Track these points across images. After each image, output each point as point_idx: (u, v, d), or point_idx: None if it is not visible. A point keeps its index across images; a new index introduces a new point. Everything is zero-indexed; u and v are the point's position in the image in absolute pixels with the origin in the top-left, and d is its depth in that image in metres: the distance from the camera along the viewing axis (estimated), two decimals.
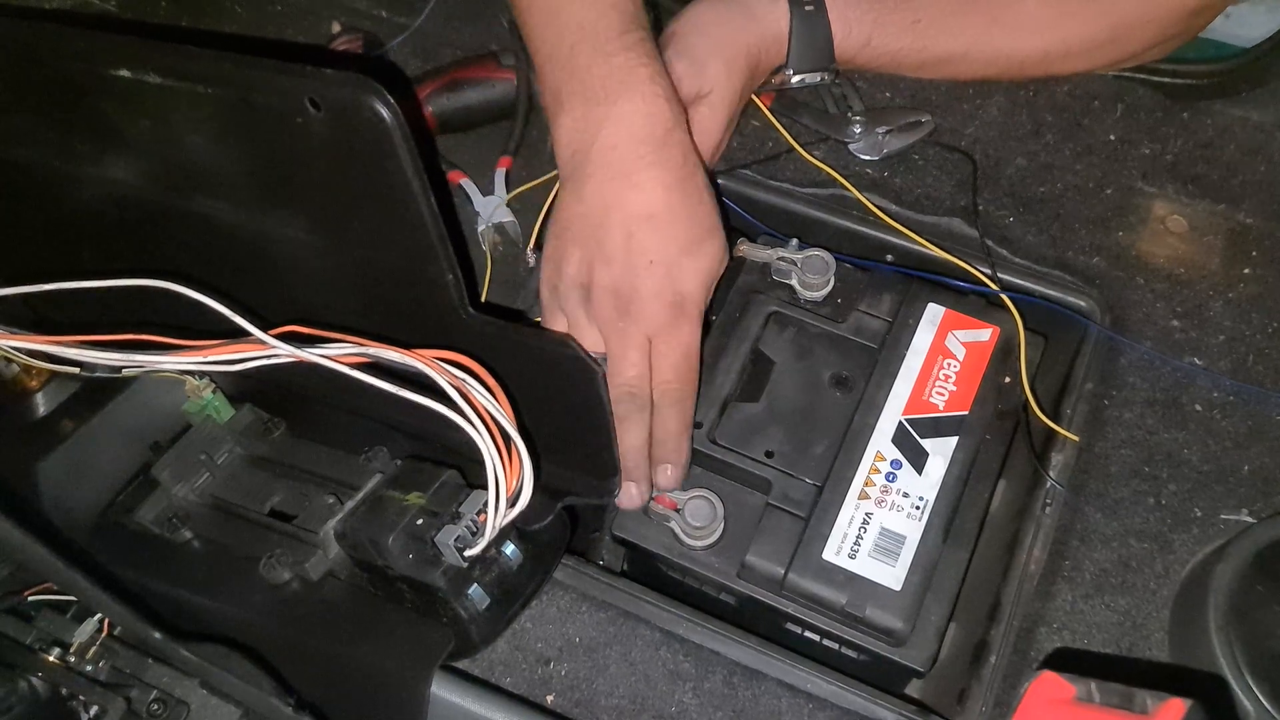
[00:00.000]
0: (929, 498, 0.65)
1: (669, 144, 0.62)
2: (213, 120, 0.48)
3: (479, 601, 0.57)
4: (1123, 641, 0.63)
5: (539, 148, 0.85)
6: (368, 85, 0.44)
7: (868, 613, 0.62)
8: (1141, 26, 0.78)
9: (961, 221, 0.78)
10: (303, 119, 0.45)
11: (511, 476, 0.52)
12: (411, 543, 0.55)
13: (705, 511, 0.65)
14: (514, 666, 0.63)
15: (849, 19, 0.76)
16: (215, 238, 0.55)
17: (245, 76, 0.45)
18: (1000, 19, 0.77)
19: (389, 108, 0.44)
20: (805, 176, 0.81)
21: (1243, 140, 0.81)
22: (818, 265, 0.73)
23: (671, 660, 0.63)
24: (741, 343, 0.72)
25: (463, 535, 0.54)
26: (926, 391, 0.69)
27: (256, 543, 0.60)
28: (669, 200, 0.61)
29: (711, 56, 0.73)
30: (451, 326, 0.54)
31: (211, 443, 0.64)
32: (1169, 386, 0.71)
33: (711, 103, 0.73)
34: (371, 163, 0.46)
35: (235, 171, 0.51)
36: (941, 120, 0.82)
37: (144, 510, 0.63)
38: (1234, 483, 0.67)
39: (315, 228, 0.52)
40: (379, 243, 0.52)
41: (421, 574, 0.55)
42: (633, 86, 0.61)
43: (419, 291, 0.53)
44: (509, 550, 0.57)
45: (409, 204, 0.48)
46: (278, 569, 0.58)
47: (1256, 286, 0.75)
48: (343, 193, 0.50)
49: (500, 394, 0.52)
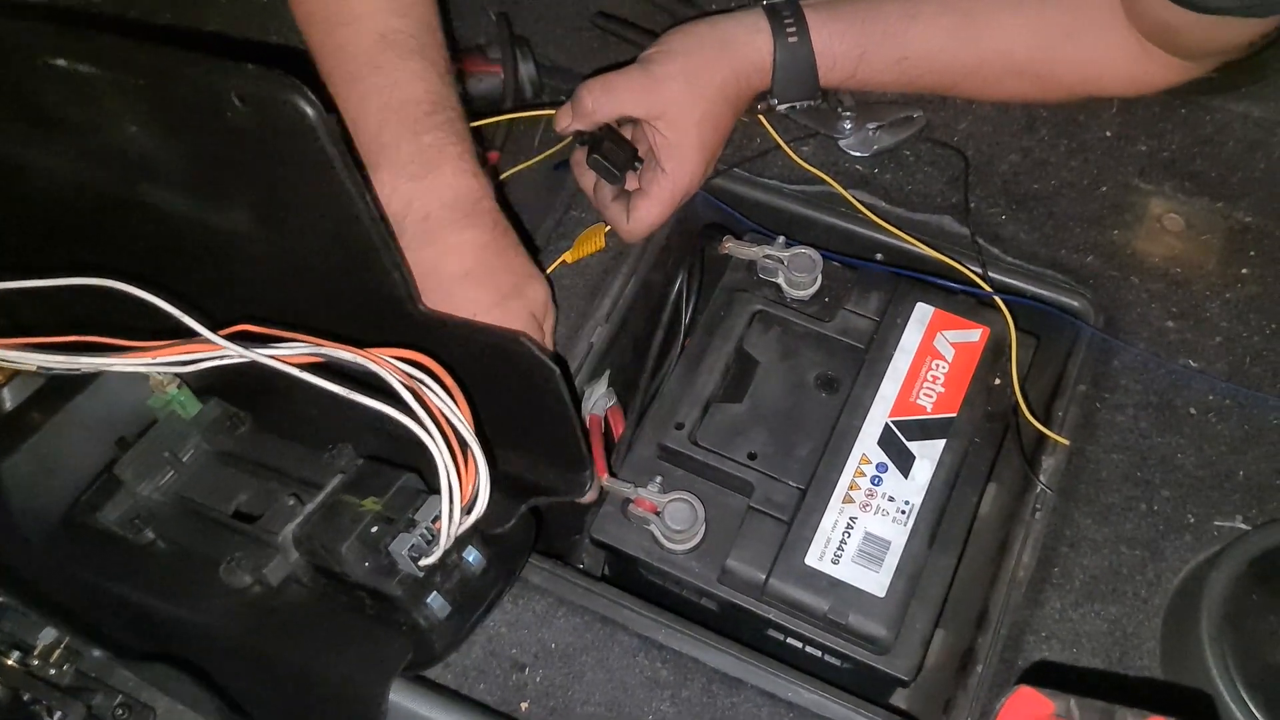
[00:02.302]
0: (915, 502, 0.64)
1: (478, 211, 0.64)
2: (150, 113, 0.47)
3: (439, 610, 0.55)
4: (1113, 651, 0.61)
5: (525, 143, 0.84)
6: (287, 82, 0.43)
7: (850, 620, 0.61)
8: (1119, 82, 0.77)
9: (952, 219, 0.76)
10: (232, 113, 0.44)
11: (467, 482, 0.51)
12: (367, 550, 0.54)
13: (685, 515, 0.63)
14: (487, 673, 0.61)
15: (834, 53, 0.75)
16: (171, 235, 0.54)
17: (173, 69, 0.44)
18: (987, 63, 0.76)
19: (312, 105, 0.43)
20: (794, 173, 0.79)
21: (1242, 136, 0.80)
22: (804, 263, 0.71)
23: (649, 667, 0.62)
24: (725, 342, 0.70)
25: (417, 544, 0.53)
26: (914, 393, 0.67)
27: (219, 545, 0.58)
28: (482, 257, 0.64)
29: (672, 79, 0.72)
30: (404, 323, 0.53)
31: (176, 439, 0.63)
32: (1163, 389, 0.70)
33: (668, 122, 0.72)
34: (301, 160, 0.45)
35: (180, 166, 0.50)
36: (933, 116, 0.81)
37: (108, 510, 0.62)
38: (1229, 488, 0.66)
39: (261, 224, 0.51)
40: (321, 239, 0.50)
41: (377, 583, 0.53)
42: (442, 164, 0.63)
43: (368, 288, 0.52)
44: (471, 556, 0.56)
45: (343, 201, 0.46)
46: (238, 573, 0.57)
47: (1255, 287, 0.73)
48: (279, 189, 0.49)
49: (458, 395, 0.51)
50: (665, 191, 0.73)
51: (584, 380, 0.73)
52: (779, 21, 0.74)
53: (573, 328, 0.74)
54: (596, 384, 0.72)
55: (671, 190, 0.73)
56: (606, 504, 0.66)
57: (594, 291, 0.75)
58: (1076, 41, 0.74)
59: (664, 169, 0.73)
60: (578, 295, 0.75)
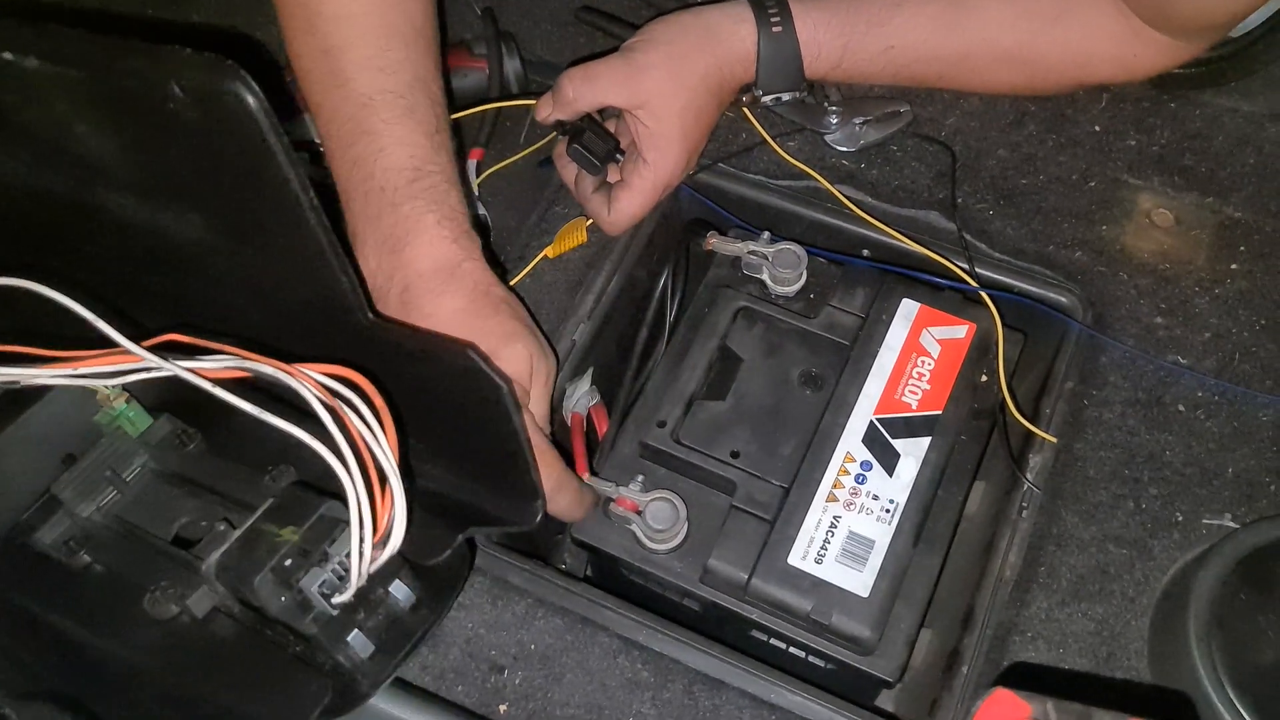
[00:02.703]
0: (900, 501, 0.63)
1: (458, 275, 0.62)
2: (93, 108, 0.44)
3: (361, 649, 0.52)
4: (1100, 652, 0.60)
5: (512, 139, 0.83)
6: (225, 69, 0.40)
7: (834, 620, 0.60)
8: (1109, 65, 0.76)
9: (940, 215, 0.75)
10: (173, 104, 0.41)
11: (382, 515, 0.47)
12: (281, 585, 0.50)
13: (667, 514, 0.63)
14: (466, 674, 0.61)
15: (819, 42, 0.74)
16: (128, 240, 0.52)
17: (110, 59, 0.42)
18: (974, 52, 0.75)
19: (253, 93, 0.40)
20: (780, 168, 0.78)
21: (1231, 131, 0.79)
22: (789, 259, 0.71)
23: (630, 669, 0.61)
24: (709, 339, 0.69)
25: (330, 580, 0.50)
26: (899, 390, 0.66)
27: (150, 572, 0.55)
28: (460, 319, 0.61)
29: (654, 68, 0.71)
30: (352, 333, 0.50)
31: (120, 458, 0.60)
32: (1152, 386, 0.69)
33: (650, 112, 0.71)
34: (243, 154, 0.43)
35: (128, 165, 0.48)
36: (920, 110, 0.80)
37: (44, 531, 0.59)
38: (1217, 486, 0.65)
39: (211, 225, 0.49)
40: (267, 243, 0.48)
41: (292, 620, 0.50)
42: (420, 234, 0.61)
43: (316, 296, 0.49)
44: (399, 591, 0.53)
45: (288, 201, 0.44)
46: (162, 603, 0.54)
47: (1244, 282, 0.73)
48: (223, 187, 0.46)
49: (385, 417, 0.48)
50: (647, 183, 0.72)
51: (566, 378, 0.72)
52: (763, 11, 0.73)
53: (554, 324, 0.73)
54: (579, 381, 0.72)
55: (653, 181, 0.73)
56: None
57: (576, 287, 0.75)
58: (1064, 24, 0.73)
59: (646, 159, 0.72)
60: (560, 291, 0.74)
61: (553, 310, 0.74)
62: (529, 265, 0.75)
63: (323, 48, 0.63)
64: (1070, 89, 0.79)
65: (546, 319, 0.73)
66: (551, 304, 0.74)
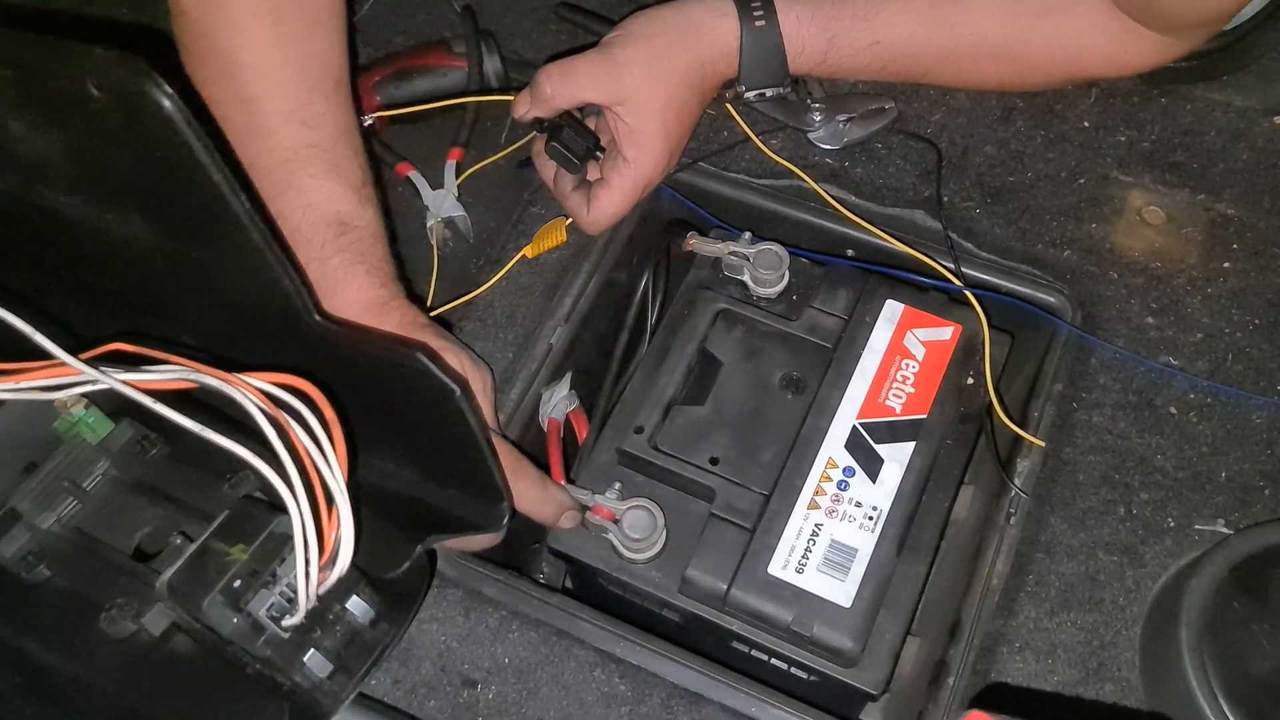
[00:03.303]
0: (883, 508, 0.61)
1: (387, 310, 0.62)
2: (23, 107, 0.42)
3: (318, 669, 0.50)
4: (1090, 662, 0.59)
5: (492, 139, 0.82)
6: (136, 68, 0.38)
7: (815, 631, 0.58)
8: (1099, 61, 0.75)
9: (925, 213, 0.74)
10: (94, 104, 0.40)
11: (329, 534, 0.46)
12: (230, 607, 0.48)
13: (644, 522, 0.61)
14: (437, 689, 0.59)
15: (803, 36, 0.72)
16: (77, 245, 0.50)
17: (31, 57, 0.40)
18: (962, 46, 0.74)
19: (165, 93, 0.38)
20: (762, 167, 0.77)
21: (1224, 126, 0.77)
22: (771, 260, 0.69)
23: (607, 682, 0.59)
24: (688, 342, 0.68)
25: (278, 603, 0.48)
26: (883, 394, 0.65)
27: (109, 587, 0.54)
28: None
29: (634, 63, 0.70)
30: (299, 336, 0.48)
31: (79, 466, 0.58)
32: (1142, 388, 0.67)
33: (630, 109, 0.70)
34: (166, 157, 0.41)
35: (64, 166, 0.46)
36: (906, 107, 0.78)
37: (3, 545, 0.57)
38: (1210, 491, 0.64)
39: (149, 226, 0.47)
40: (208, 245, 0.46)
41: (245, 642, 0.48)
42: (349, 282, 0.61)
43: (263, 298, 0.48)
44: (355, 607, 0.51)
45: (218, 204, 0.42)
46: (119, 620, 0.52)
47: (1237, 281, 0.71)
48: (156, 189, 0.44)
49: (335, 430, 0.46)
50: (627, 181, 0.71)
51: (543, 382, 0.70)
52: (746, 5, 0.71)
53: (531, 327, 0.71)
54: (557, 386, 0.70)
55: (633, 179, 0.71)
56: None
57: (554, 289, 0.73)
58: (1053, 20, 0.72)
59: (625, 157, 0.71)
60: (537, 293, 0.73)
61: (530, 313, 0.72)
62: (506, 266, 0.73)
63: (241, 97, 0.62)
64: (1060, 85, 0.78)
65: (523, 322, 0.72)
66: (529, 306, 0.72)
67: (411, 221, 0.78)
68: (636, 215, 0.75)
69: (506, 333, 0.71)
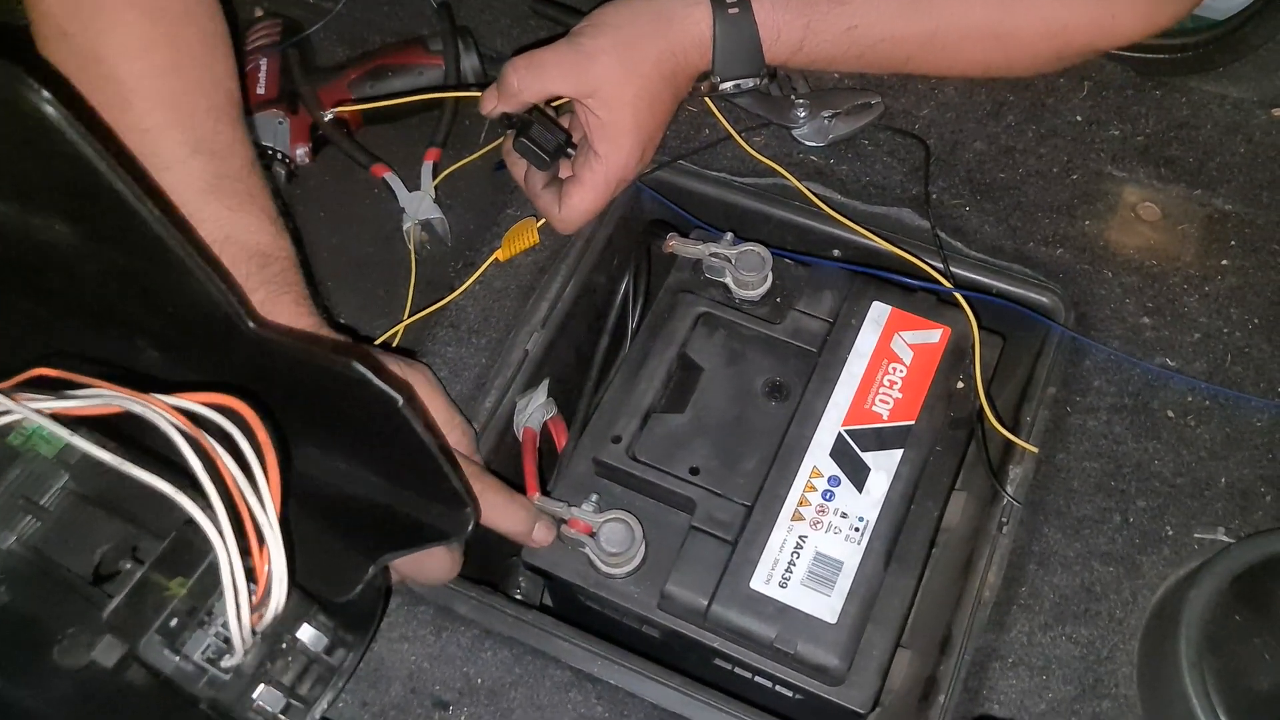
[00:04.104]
0: (870, 518, 0.59)
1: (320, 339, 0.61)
2: None
3: (271, 704, 0.47)
4: (1086, 678, 0.57)
5: (470, 139, 0.80)
6: (8, 71, 0.36)
7: (799, 649, 0.56)
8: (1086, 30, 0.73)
9: (913, 212, 0.72)
10: None
11: (260, 569, 0.43)
12: (169, 648, 0.46)
13: (622, 536, 0.59)
14: (408, 711, 0.57)
15: (778, 23, 0.70)
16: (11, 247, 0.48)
17: None
18: (943, 28, 0.72)
19: (44, 99, 0.36)
20: (744, 165, 0.74)
21: (1220, 119, 0.75)
22: (753, 261, 0.67)
23: (583, 703, 0.57)
24: (667, 347, 0.66)
25: (215, 644, 0.45)
26: (869, 399, 0.63)
27: (65, 614, 0.50)
28: None
29: (604, 53, 0.68)
30: (238, 345, 0.46)
31: (36, 482, 0.54)
32: (1138, 391, 0.65)
33: (600, 101, 0.68)
34: (62, 164, 0.39)
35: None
36: (892, 102, 0.76)
37: None
38: (1209, 497, 0.62)
39: (70, 233, 0.44)
40: (130, 251, 0.44)
41: (187, 684, 0.46)
42: (278, 313, 0.60)
43: (193, 308, 0.45)
44: (306, 635, 0.48)
45: (126, 211, 0.40)
46: (71, 651, 0.49)
47: (1235, 279, 0.69)
48: (66, 196, 0.42)
49: (268, 453, 0.43)
50: (599, 177, 0.69)
51: (519, 390, 0.68)
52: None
53: (506, 332, 0.69)
54: (534, 394, 0.68)
55: (605, 176, 0.69)
56: None
57: (529, 293, 0.71)
58: None
59: (597, 152, 0.68)
60: (510, 297, 0.70)
61: (505, 317, 0.70)
62: (478, 270, 0.71)
63: (141, 126, 0.59)
64: (1050, 65, 0.76)
65: (497, 327, 0.69)
66: (503, 311, 0.70)
67: (387, 224, 0.76)
68: (615, 216, 0.73)
69: (480, 338, 0.69)
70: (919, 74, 0.77)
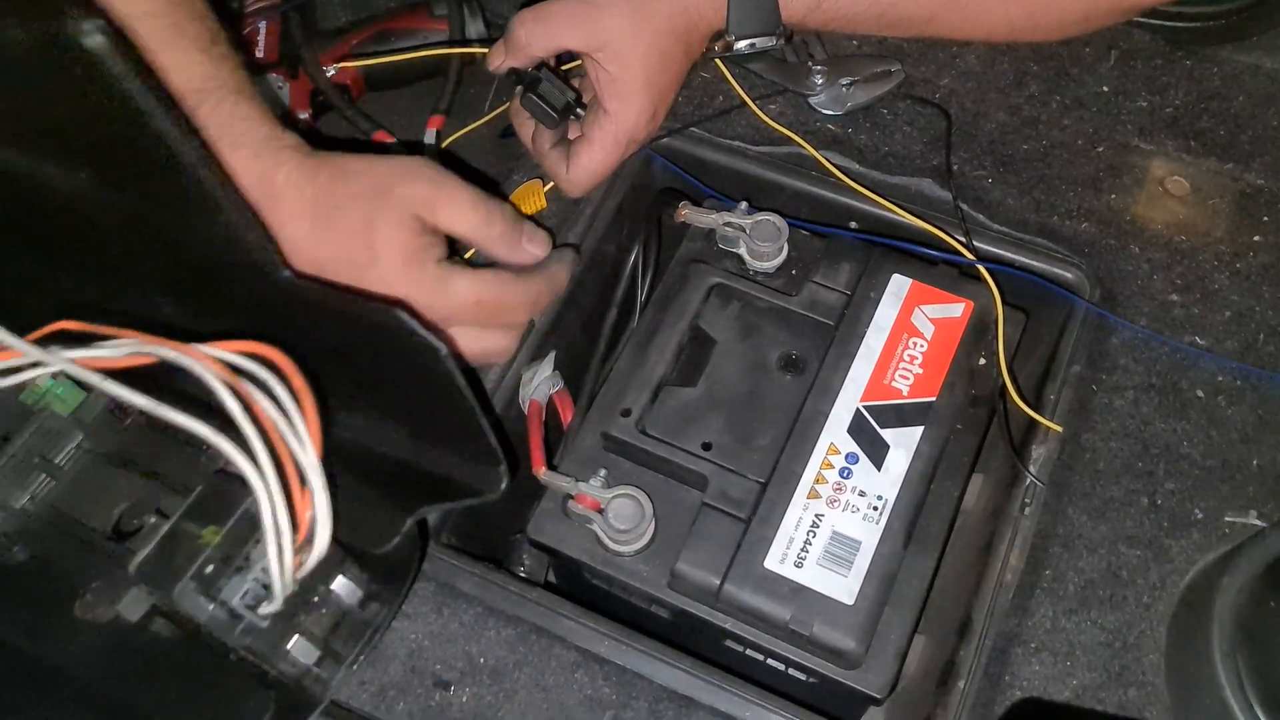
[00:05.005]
0: (889, 497, 0.57)
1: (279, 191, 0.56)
2: None
3: (304, 655, 0.47)
4: (1111, 665, 0.55)
5: (475, 106, 0.78)
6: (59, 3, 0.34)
7: (815, 630, 0.54)
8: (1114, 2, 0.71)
9: (933, 183, 0.70)
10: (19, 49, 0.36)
11: (302, 514, 0.42)
12: (204, 595, 0.45)
13: (631, 512, 0.57)
14: (407, 691, 0.55)
15: None
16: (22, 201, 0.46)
17: None
18: None
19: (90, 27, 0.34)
20: (760, 133, 0.72)
21: (1252, 90, 0.73)
22: (769, 231, 0.65)
23: (590, 684, 0.56)
24: (679, 319, 0.63)
25: (254, 589, 0.45)
26: (888, 375, 0.61)
27: (87, 569, 0.51)
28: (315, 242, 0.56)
29: (613, 6, 0.66)
30: (266, 294, 0.45)
31: (51, 440, 0.55)
32: (1167, 370, 0.63)
33: (610, 55, 0.66)
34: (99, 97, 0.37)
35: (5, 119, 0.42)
36: (913, 70, 0.74)
37: None
38: (1241, 480, 0.60)
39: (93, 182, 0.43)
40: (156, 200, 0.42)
41: (221, 633, 0.46)
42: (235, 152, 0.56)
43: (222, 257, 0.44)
44: (341, 587, 0.48)
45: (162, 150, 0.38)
46: (95, 606, 0.49)
47: (1267, 256, 0.67)
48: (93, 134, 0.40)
49: (308, 401, 0.42)
50: (608, 135, 0.67)
51: (525, 362, 0.66)
52: None
53: None
54: (540, 366, 0.66)
55: (615, 134, 0.67)
56: (545, 500, 0.59)
57: None
58: None
59: (606, 109, 0.66)
60: None
61: None
62: None
63: None
64: (1076, 27, 0.73)
65: None
66: None
67: None
68: (625, 184, 0.71)
69: None
70: (941, 37, 0.74)
